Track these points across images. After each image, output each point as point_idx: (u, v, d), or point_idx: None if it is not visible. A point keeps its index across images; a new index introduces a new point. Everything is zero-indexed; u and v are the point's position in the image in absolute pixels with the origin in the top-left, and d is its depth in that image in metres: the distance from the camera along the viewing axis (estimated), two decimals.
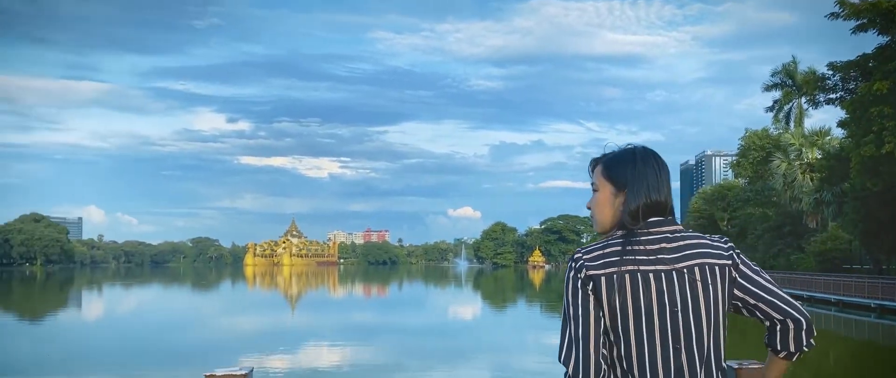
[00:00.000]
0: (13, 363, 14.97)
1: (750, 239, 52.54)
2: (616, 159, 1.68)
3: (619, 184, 1.64)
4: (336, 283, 69.03)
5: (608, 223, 1.65)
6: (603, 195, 1.66)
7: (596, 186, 1.69)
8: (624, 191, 1.63)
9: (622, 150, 1.70)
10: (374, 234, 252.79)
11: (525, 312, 33.36)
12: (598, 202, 1.67)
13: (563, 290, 1.61)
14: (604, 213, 1.66)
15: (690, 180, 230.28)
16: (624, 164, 1.65)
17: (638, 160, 1.65)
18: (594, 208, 1.68)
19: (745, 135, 53.63)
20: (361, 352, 16.73)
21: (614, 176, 1.65)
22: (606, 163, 1.68)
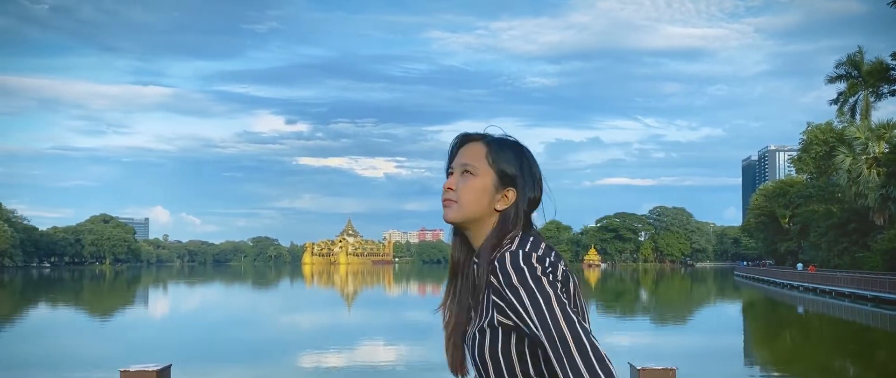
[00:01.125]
0: (77, 354, 15.82)
1: (813, 236, 50.94)
2: (505, 147, 1.47)
3: (507, 176, 1.45)
4: (391, 281, 69.85)
5: (476, 214, 1.44)
6: (484, 182, 1.43)
7: (472, 169, 1.43)
8: (512, 186, 1.45)
9: (508, 139, 1.49)
10: (429, 233, 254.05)
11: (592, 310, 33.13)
12: (476, 188, 1.43)
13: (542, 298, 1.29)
14: (480, 202, 1.43)
15: (752, 177, 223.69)
16: (516, 156, 1.46)
17: (525, 154, 1.48)
18: (466, 194, 1.43)
19: (808, 129, 52.03)
20: (415, 350, 17.03)
21: (504, 166, 1.45)
22: (497, 148, 1.46)
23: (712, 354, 16.60)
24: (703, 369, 14.02)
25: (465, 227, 1.47)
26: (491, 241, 1.41)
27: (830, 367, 15.44)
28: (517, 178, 1.45)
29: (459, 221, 1.45)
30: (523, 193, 1.45)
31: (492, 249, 1.40)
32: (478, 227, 1.46)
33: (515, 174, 1.45)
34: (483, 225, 1.45)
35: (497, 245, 1.40)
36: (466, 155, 1.46)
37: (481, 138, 1.48)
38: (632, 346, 18.27)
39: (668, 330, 23.50)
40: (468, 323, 1.44)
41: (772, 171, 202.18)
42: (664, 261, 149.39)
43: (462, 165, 1.45)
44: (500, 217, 1.44)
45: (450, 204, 1.46)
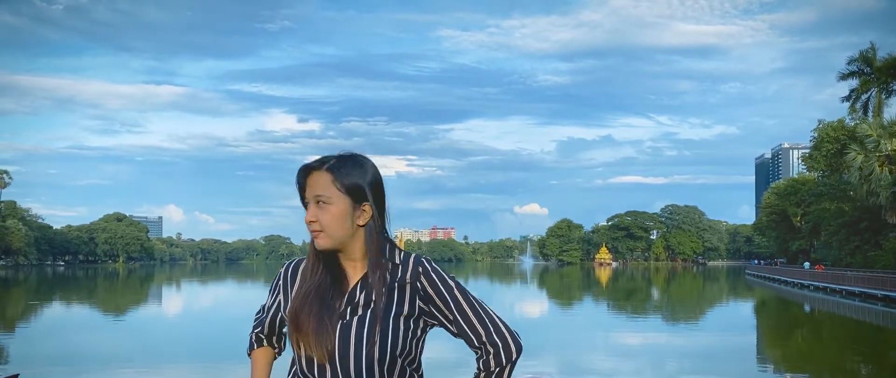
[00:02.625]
0: (97, 353, 16.12)
1: (824, 235, 50.77)
2: (348, 166, 1.63)
3: (358, 194, 1.61)
4: None
5: (344, 237, 1.61)
6: (339, 208, 1.59)
7: (325, 199, 1.59)
8: (366, 201, 1.62)
9: (347, 157, 1.65)
10: (440, 232, 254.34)
11: (592, 310, 33.29)
12: (335, 215, 1.59)
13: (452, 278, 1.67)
14: (343, 226, 1.60)
15: (766, 175, 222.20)
16: (360, 172, 1.63)
17: (366, 165, 1.66)
18: (329, 222, 1.59)
19: (819, 126, 51.75)
20: (426, 348, 17.21)
21: (352, 186, 1.61)
22: (340, 172, 1.61)
23: (723, 354, 16.69)
24: (714, 368, 14.13)
25: (338, 250, 1.64)
26: (374, 254, 1.63)
27: (842, 366, 15.49)
28: (367, 192, 1.62)
29: (332, 247, 1.62)
30: (374, 208, 1.63)
31: (377, 258, 1.63)
32: (348, 246, 1.64)
33: (364, 188, 1.62)
34: (353, 242, 1.64)
35: (379, 253, 1.63)
36: (316, 186, 1.61)
37: (322, 166, 1.62)
38: (642, 344, 18.37)
39: (678, 329, 23.57)
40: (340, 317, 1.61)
41: (785, 169, 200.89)
42: (676, 259, 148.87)
43: (316, 197, 1.61)
44: (365, 231, 1.63)
45: (318, 234, 1.61)
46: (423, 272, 1.63)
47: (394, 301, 1.60)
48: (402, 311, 1.60)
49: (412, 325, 1.61)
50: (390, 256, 1.65)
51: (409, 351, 1.61)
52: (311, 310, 1.60)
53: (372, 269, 1.62)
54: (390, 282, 1.61)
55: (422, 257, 1.66)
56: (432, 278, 1.63)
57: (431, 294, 1.63)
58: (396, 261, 1.65)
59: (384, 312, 1.58)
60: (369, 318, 1.57)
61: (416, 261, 1.65)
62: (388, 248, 1.65)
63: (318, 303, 1.61)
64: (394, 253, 1.66)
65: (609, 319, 27.52)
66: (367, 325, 1.57)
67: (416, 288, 1.62)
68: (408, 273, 1.63)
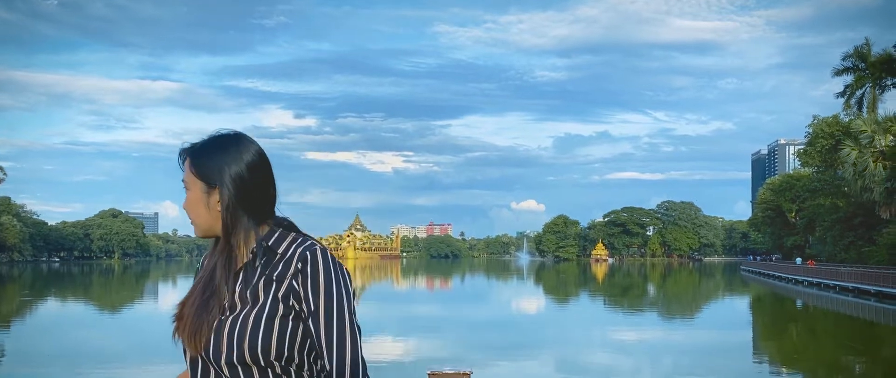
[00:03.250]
0: (81, 350, 16.11)
1: (819, 231, 50.94)
2: (205, 149, 1.53)
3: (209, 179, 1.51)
4: (399, 275, 70.13)
5: (210, 224, 1.52)
6: (195, 194, 1.52)
7: (186, 185, 1.53)
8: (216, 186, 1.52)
9: (210, 139, 1.55)
10: (437, 228, 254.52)
11: (588, 306, 33.38)
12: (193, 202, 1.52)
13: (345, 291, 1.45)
14: (203, 213, 1.52)
15: (762, 171, 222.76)
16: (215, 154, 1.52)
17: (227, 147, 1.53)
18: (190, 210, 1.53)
19: (814, 122, 51.91)
20: (424, 344, 17.27)
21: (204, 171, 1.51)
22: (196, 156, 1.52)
23: (718, 350, 16.77)
24: (710, 365, 14.20)
25: (218, 237, 1.53)
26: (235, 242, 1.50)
27: (836, 362, 15.57)
28: (219, 175, 1.49)
29: (204, 235, 1.54)
30: (228, 189, 1.48)
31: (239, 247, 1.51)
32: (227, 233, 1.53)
33: (214, 173, 1.49)
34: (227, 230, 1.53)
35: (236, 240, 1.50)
36: (185, 173, 1.53)
37: (187, 152, 1.54)
38: (637, 340, 18.44)
39: (674, 325, 23.66)
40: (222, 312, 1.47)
41: (781, 165, 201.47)
42: (672, 255, 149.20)
43: (183, 183, 1.54)
44: (222, 217, 1.50)
45: (191, 222, 1.55)
46: (301, 271, 1.43)
47: (268, 298, 1.43)
48: (276, 311, 1.42)
49: (291, 326, 1.42)
50: (274, 245, 1.48)
51: (288, 356, 1.42)
52: (193, 301, 1.50)
53: (248, 262, 1.50)
54: (267, 275, 1.45)
55: (312, 250, 1.45)
56: (307, 280, 1.43)
57: (301, 297, 1.43)
58: (280, 250, 1.47)
59: (257, 311, 1.43)
60: (242, 316, 1.43)
61: (300, 255, 1.45)
62: (276, 236, 1.49)
63: (200, 294, 1.50)
64: (281, 241, 1.49)
65: (605, 316, 27.60)
66: (239, 325, 1.42)
67: (292, 286, 1.43)
68: (289, 268, 1.44)
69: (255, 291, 1.45)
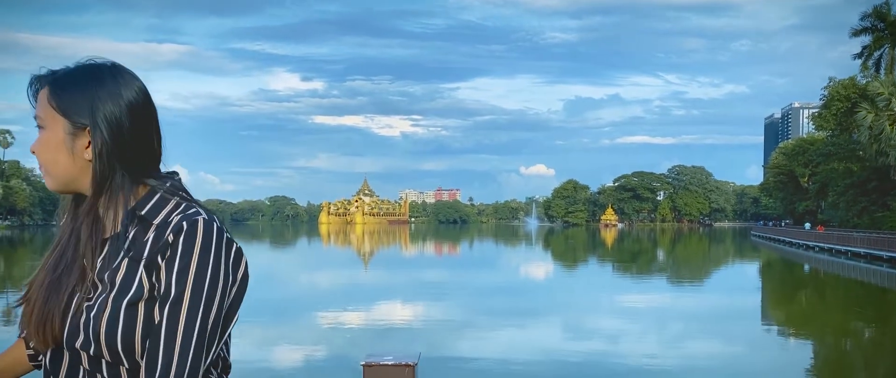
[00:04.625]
0: None
1: (831, 196, 50.50)
2: (71, 80, 1.17)
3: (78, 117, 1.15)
4: (407, 241, 70.33)
5: (71, 175, 1.16)
6: (55, 134, 1.15)
7: (42, 122, 1.16)
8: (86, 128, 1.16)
9: (76, 67, 1.19)
10: (445, 193, 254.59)
11: (596, 272, 33.30)
12: (49, 145, 1.16)
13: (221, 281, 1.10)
14: (62, 161, 1.16)
15: (775, 135, 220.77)
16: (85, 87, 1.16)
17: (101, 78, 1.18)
18: (44, 154, 1.17)
19: (830, 84, 51.04)
20: (431, 309, 17.21)
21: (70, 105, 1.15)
22: (58, 85, 1.16)
23: (726, 315, 16.62)
24: (718, 330, 14.06)
25: (80, 192, 1.18)
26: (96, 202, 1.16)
27: (846, 328, 15.40)
28: (87, 114, 1.13)
29: (61, 190, 1.18)
30: (101, 133, 1.13)
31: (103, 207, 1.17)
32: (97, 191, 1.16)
33: (84, 109, 1.14)
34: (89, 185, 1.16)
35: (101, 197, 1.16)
36: (38, 106, 1.16)
37: (45, 79, 1.17)
38: (645, 306, 18.33)
39: (682, 290, 23.53)
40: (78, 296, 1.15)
41: (795, 129, 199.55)
42: (682, 220, 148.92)
43: (36, 119, 1.17)
44: (93, 168, 1.14)
45: (43, 170, 1.18)
46: (171, 244, 1.09)
47: (134, 280, 1.10)
48: (140, 296, 1.09)
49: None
50: (149, 213, 1.14)
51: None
52: (43, 280, 1.17)
53: (118, 232, 1.15)
54: (136, 251, 1.12)
55: (192, 220, 1.11)
56: (175, 256, 1.08)
57: (162, 276, 1.09)
58: (156, 220, 1.14)
59: (116, 295, 1.10)
60: (99, 301, 1.10)
61: (176, 225, 1.11)
62: (154, 200, 1.16)
63: (51, 271, 1.17)
64: (159, 208, 1.15)
65: (613, 281, 27.50)
66: (95, 311, 1.10)
67: (155, 263, 1.10)
68: (159, 241, 1.10)
69: (117, 270, 1.11)
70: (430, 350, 11.78)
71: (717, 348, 12.11)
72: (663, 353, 11.45)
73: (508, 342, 12.34)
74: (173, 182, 1.20)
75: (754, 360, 11.17)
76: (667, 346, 12.21)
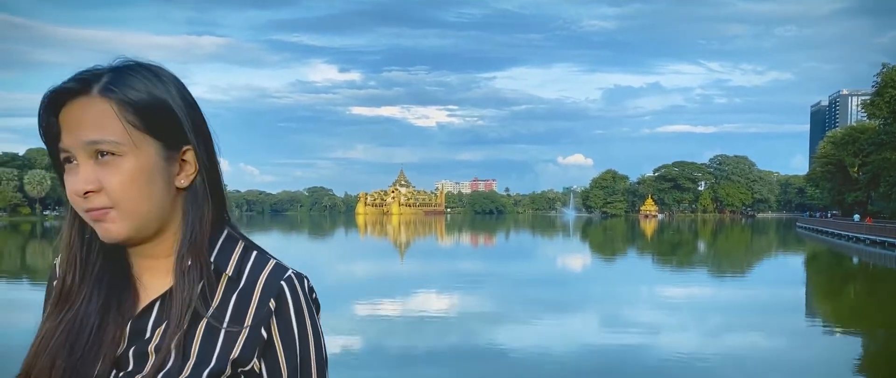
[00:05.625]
0: None
1: (883, 187, 48.94)
2: (143, 85, 0.89)
3: (174, 133, 0.90)
4: (443, 231, 70.42)
5: (158, 214, 0.90)
6: (141, 161, 0.87)
7: (112, 147, 0.86)
8: (186, 144, 0.91)
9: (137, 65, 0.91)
10: (481, 184, 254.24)
11: (636, 263, 32.84)
12: (135, 176, 0.87)
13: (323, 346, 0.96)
14: (153, 194, 0.88)
15: (822, 123, 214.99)
16: (167, 92, 0.90)
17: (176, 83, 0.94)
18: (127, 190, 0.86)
19: (883, 70, 49.41)
20: (467, 300, 17.15)
21: (161, 120, 0.89)
22: (132, 93, 0.87)
23: (770, 308, 16.19)
24: (761, 323, 13.70)
25: (134, 242, 0.91)
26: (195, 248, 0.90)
27: None
28: (185, 125, 0.90)
29: (133, 237, 0.89)
30: (203, 155, 0.92)
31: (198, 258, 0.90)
32: (154, 234, 0.91)
33: (181, 120, 0.90)
34: (165, 225, 0.91)
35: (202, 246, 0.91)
36: (86, 126, 0.85)
37: (91, 86, 0.87)
38: (686, 298, 17.98)
39: (724, 282, 23.04)
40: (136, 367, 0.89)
41: (843, 117, 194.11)
42: (724, 211, 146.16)
43: (89, 145, 0.86)
44: (186, 201, 0.91)
45: (103, 214, 0.87)
46: (279, 308, 0.91)
47: (216, 347, 0.89)
48: (223, 369, 0.88)
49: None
50: (222, 260, 0.92)
51: None
52: (52, 362, 0.89)
53: (180, 282, 0.89)
54: (214, 311, 0.90)
55: (288, 280, 0.93)
56: (290, 321, 0.91)
57: (277, 345, 0.91)
58: (234, 273, 0.92)
59: (195, 365, 0.88)
60: (166, 374, 0.87)
61: (272, 279, 0.92)
62: (221, 241, 0.94)
63: (67, 351, 0.89)
64: (229, 253, 0.93)
65: (653, 273, 27.08)
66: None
67: (258, 332, 0.90)
68: (252, 301, 0.90)
69: (192, 337, 0.88)
70: (466, 341, 11.73)
71: (760, 342, 11.79)
72: (704, 347, 11.19)
73: (545, 334, 12.21)
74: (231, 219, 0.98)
75: (799, 354, 10.85)
76: (708, 339, 11.93)
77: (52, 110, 0.87)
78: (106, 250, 0.92)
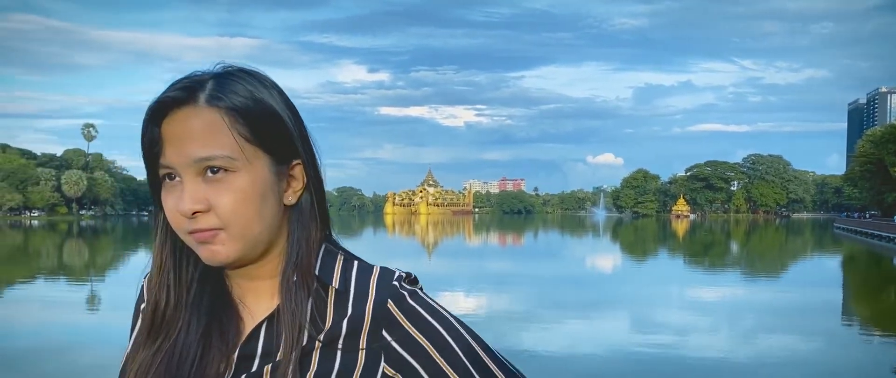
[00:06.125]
0: None
1: None
2: (252, 94, 0.81)
3: (284, 145, 0.83)
4: (471, 231, 70.34)
5: (268, 234, 0.82)
6: (253, 176, 0.79)
7: (226, 162, 0.78)
8: (296, 158, 0.84)
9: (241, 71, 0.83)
10: (510, 183, 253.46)
11: (667, 264, 32.43)
12: (248, 194, 0.79)
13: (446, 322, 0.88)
14: (264, 213, 0.80)
15: (860, 121, 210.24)
16: (274, 103, 0.83)
17: (281, 91, 0.86)
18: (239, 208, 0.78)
19: None
20: (495, 300, 17.07)
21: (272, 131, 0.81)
22: (242, 104, 0.79)
23: (805, 310, 15.84)
24: (796, 326, 13.41)
25: (239, 264, 0.83)
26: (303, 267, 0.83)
27: None
28: (297, 138, 0.83)
29: (242, 258, 0.81)
30: (312, 159, 0.86)
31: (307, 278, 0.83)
32: (259, 255, 0.83)
33: (292, 133, 0.83)
34: (271, 245, 0.84)
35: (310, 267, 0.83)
36: (195, 140, 0.77)
37: (197, 95, 0.79)
38: (718, 299, 17.68)
39: (758, 284, 22.61)
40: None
41: (882, 115, 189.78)
42: (758, 211, 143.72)
43: (200, 162, 0.77)
44: (293, 219, 0.84)
45: (215, 237, 0.78)
46: (392, 318, 0.83)
47: (332, 371, 0.81)
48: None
49: None
50: (326, 274, 0.85)
51: None
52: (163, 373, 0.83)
53: (288, 302, 0.82)
54: (327, 331, 0.82)
55: (393, 282, 0.85)
56: (407, 329, 0.83)
57: (407, 357, 0.83)
58: (341, 286, 0.85)
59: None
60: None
61: (380, 291, 0.84)
62: (321, 254, 0.87)
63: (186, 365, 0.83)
64: (336, 266, 0.86)
65: (685, 273, 26.71)
66: None
67: (376, 349, 0.83)
68: (364, 317, 0.83)
69: (307, 363, 0.80)
70: (494, 341, 11.62)
71: (796, 345, 11.52)
72: (737, 349, 10.98)
73: (574, 335, 12.09)
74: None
75: (836, 358, 10.58)
76: (741, 342, 11.70)
77: (155, 122, 0.80)
78: (202, 272, 0.85)
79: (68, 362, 9.59)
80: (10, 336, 11.62)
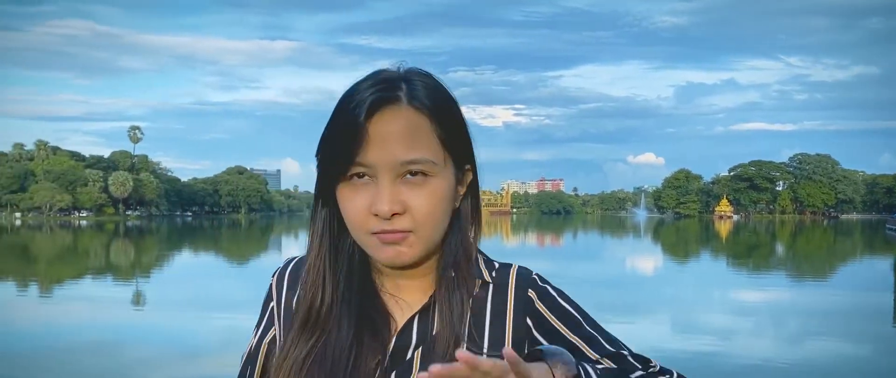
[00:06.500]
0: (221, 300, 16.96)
1: None
2: (442, 100, 0.85)
3: (463, 152, 0.88)
4: (509, 232, 70.09)
5: (440, 238, 0.87)
6: (443, 182, 0.83)
7: (427, 168, 0.82)
8: (469, 163, 0.90)
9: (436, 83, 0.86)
10: (548, 183, 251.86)
11: (710, 265, 31.83)
12: (440, 197, 0.83)
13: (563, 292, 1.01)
14: (445, 218, 0.86)
15: None
16: (455, 110, 0.86)
17: (455, 98, 0.89)
18: (431, 210, 0.83)
19: None
20: None
21: (457, 139, 0.86)
22: (440, 109, 0.83)
23: (854, 314, 15.37)
24: (845, 330, 13.02)
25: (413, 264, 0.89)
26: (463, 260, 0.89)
27: None
28: (470, 146, 0.88)
29: (419, 258, 0.85)
30: (476, 174, 0.91)
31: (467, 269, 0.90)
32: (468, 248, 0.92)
33: (465, 145, 0.87)
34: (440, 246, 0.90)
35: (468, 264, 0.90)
36: (401, 142, 0.79)
37: (402, 96, 0.81)
38: (763, 302, 17.29)
39: (804, 286, 22.04)
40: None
41: None
42: (804, 212, 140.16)
43: (405, 165, 0.80)
44: (459, 219, 0.90)
45: (405, 239, 0.82)
46: (539, 293, 0.93)
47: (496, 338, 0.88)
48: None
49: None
50: (472, 268, 0.91)
51: None
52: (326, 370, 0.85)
53: (448, 290, 0.87)
54: (478, 311, 0.89)
55: (533, 276, 0.96)
56: (553, 299, 0.93)
57: (553, 321, 0.92)
58: (485, 276, 0.92)
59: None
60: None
61: (520, 276, 0.94)
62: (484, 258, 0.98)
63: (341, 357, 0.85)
64: (481, 263, 0.94)
65: (728, 275, 26.19)
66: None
67: (524, 320, 0.90)
68: (509, 295, 0.91)
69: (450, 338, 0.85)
70: None
71: (844, 349, 11.18)
72: (782, 353, 10.69)
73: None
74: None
75: (887, 362, 10.23)
76: (787, 346, 11.40)
77: (360, 119, 0.81)
78: (349, 268, 0.88)
79: (113, 359, 9.85)
80: (60, 333, 11.96)
